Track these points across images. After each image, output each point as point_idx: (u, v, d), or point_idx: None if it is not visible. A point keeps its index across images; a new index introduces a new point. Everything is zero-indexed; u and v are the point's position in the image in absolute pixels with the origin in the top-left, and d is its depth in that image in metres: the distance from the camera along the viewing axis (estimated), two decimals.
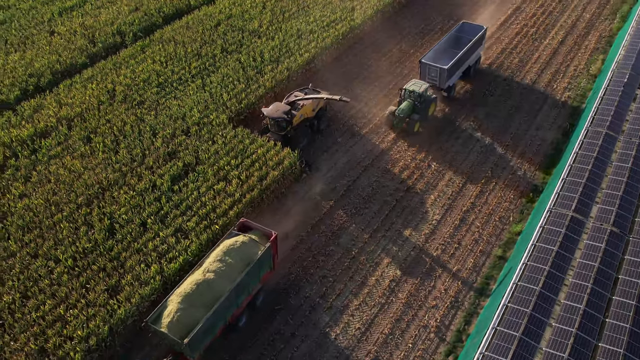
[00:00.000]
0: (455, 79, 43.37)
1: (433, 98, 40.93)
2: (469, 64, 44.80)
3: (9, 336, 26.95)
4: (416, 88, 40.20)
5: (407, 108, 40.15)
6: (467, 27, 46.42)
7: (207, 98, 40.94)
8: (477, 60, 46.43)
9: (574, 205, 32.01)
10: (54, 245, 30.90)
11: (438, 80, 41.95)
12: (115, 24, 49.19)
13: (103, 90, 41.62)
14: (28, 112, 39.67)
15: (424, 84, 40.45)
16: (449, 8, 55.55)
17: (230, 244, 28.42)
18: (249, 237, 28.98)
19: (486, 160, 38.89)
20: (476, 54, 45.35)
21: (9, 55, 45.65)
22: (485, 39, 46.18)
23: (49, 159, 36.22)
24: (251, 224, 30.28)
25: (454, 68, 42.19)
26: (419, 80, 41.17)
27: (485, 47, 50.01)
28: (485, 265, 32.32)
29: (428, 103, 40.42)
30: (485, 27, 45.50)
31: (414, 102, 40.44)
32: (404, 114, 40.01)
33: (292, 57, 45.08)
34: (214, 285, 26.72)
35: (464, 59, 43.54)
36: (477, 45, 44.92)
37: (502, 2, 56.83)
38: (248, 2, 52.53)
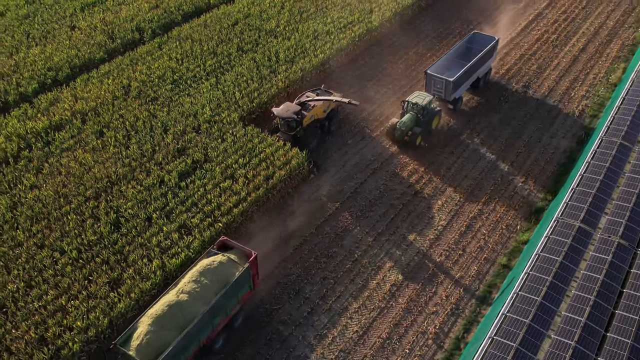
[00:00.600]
0: (462, 91, 42.16)
1: (437, 111, 39.88)
2: (478, 76, 43.54)
3: (10, 324, 27.46)
4: (419, 100, 39.15)
5: (409, 121, 39.16)
6: (478, 38, 45.17)
7: (219, 96, 41.22)
8: (488, 72, 45.08)
9: (581, 215, 31.42)
10: (60, 237, 31.41)
11: (444, 93, 40.79)
12: (134, 21, 49.84)
13: (118, 86, 42.19)
14: (44, 105, 40.40)
15: (427, 96, 39.47)
16: (469, 12, 55.03)
17: (207, 264, 27.56)
18: (227, 256, 28.13)
19: (497, 168, 38.43)
20: (486, 65, 44.05)
21: (30, 49, 46.55)
22: (496, 50, 44.95)
23: (62, 151, 36.84)
24: (231, 243, 29.37)
25: (461, 80, 40.93)
26: (423, 92, 40.24)
27: (504, 52, 49.45)
28: (489, 273, 31.93)
29: (431, 116, 39.44)
30: (496, 39, 44.19)
31: (416, 115, 39.48)
32: (406, 127, 38.93)
33: (307, 58, 45.14)
34: (187, 307, 25.79)
35: (472, 71, 42.25)
36: (488, 56, 43.58)
37: (524, 7, 56.11)
38: (267, 1, 52.75)
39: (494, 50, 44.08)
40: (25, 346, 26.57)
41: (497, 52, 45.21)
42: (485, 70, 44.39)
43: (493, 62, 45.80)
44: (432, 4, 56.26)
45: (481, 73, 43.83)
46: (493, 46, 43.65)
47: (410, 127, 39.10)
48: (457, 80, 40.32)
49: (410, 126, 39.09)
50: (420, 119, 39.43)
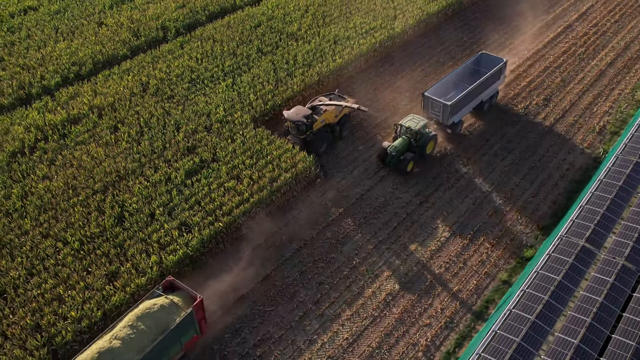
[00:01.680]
0: (462, 115, 40.18)
1: (431, 136, 37.90)
2: (482, 99, 41.53)
3: (9, 309, 28.26)
4: (412, 124, 37.41)
5: (400, 146, 37.43)
6: (485, 59, 43.31)
7: (234, 97, 41.61)
8: (494, 96, 43.00)
9: (587, 234, 30.55)
10: (65, 227, 32.18)
11: (441, 116, 39.10)
12: (160, 19, 50.74)
13: (137, 83, 43.01)
14: (64, 99, 41.49)
15: (421, 120, 37.72)
16: (496, 22, 54.15)
17: (147, 307, 25.91)
18: (170, 299, 26.48)
19: (508, 181, 37.70)
20: (492, 88, 42.06)
21: (58, 43, 47.87)
22: (504, 72, 42.75)
23: (76, 144, 37.75)
24: (178, 284, 27.71)
25: (460, 104, 39.08)
26: (417, 116, 38.46)
27: (527, 64, 48.52)
28: (488, 289, 31.35)
29: (425, 141, 37.60)
30: (504, 60, 42.25)
31: (409, 140, 37.84)
32: (397, 152, 37.19)
33: (325, 62, 45.19)
34: (119, 354, 24.18)
35: (475, 94, 40.25)
36: (494, 79, 41.62)
37: (554, 19, 54.92)
38: (292, 5, 53.02)
39: (500, 72, 42.05)
40: (21, 331, 27.31)
41: (504, 74, 43.04)
42: (491, 94, 42.42)
43: (501, 85, 43.53)
44: (458, 12, 55.58)
45: (486, 96, 41.88)
46: (500, 68, 41.67)
47: (401, 152, 37.40)
48: (456, 104, 38.52)
49: (401, 151, 37.39)
50: (413, 144, 37.84)
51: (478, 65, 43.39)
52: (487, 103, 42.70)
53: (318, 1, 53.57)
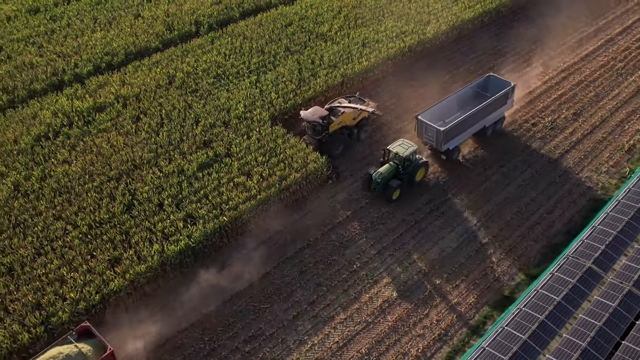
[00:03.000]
0: (458, 141, 38.06)
1: (421, 163, 36.29)
2: (484, 125, 39.27)
3: (14, 286, 29.40)
4: (400, 150, 35.38)
5: (386, 172, 35.55)
6: (492, 81, 40.98)
7: (256, 94, 41.99)
8: (499, 121, 40.58)
9: (595, 256, 29.51)
10: (77, 211, 33.22)
11: (435, 142, 37.17)
12: (195, 14, 51.69)
13: (164, 75, 43.96)
14: (93, 87, 42.81)
15: (411, 146, 35.67)
16: (534, 32, 52.66)
17: (52, 356, 24.80)
18: (79, 349, 25.34)
19: (524, 195, 36.72)
20: (497, 113, 39.68)
21: (95, 33, 49.43)
22: (512, 97, 40.27)
23: (98, 131, 38.90)
24: (92, 330, 26.62)
25: (456, 130, 37.01)
26: (407, 141, 36.35)
27: (561, 77, 47.11)
28: (487, 304, 30.63)
29: (415, 168, 35.90)
30: (512, 85, 39.78)
31: (397, 166, 35.98)
32: (382, 179, 35.28)
33: (350, 64, 45.06)
34: None
35: (475, 120, 38.06)
36: (499, 104, 39.21)
37: (596, 32, 53.07)
38: (325, 5, 53.08)
39: (507, 97, 39.61)
40: (22, 308, 28.37)
41: (512, 99, 40.49)
42: (495, 119, 39.99)
43: (508, 110, 41.00)
44: (495, 20, 54.37)
45: (489, 122, 39.52)
46: (507, 93, 39.32)
47: (387, 178, 35.57)
48: (450, 130, 36.51)
49: (387, 178, 35.57)
50: (400, 171, 36.12)
51: (485, 87, 41.15)
52: (491, 129, 40.24)
53: (352, 3, 53.46)
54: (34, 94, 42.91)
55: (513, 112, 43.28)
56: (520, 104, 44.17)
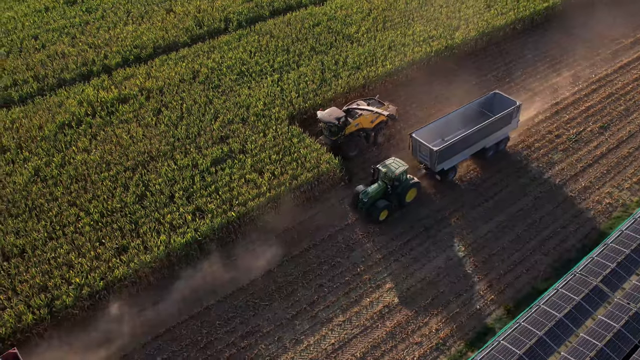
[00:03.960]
0: (454, 162, 36.47)
1: (412, 183, 34.80)
2: (484, 145, 37.51)
3: (24, 267, 30.34)
4: (390, 170, 33.98)
5: (373, 192, 34.20)
6: (498, 100, 38.95)
7: (277, 92, 42.23)
8: (501, 142, 38.65)
9: (604, 274, 28.63)
10: (91, 199, 34.06)
11: (429, 161, 35.84)
12: (226, 11, 52.32)
13: (189, 70, 44.63)
14: (119, 79, 43.81)
15: (401, 165, 34.15)
16: (567, 41, 51.37)
17: None
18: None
19: (539, 207, 35.89)
20: (499, 134, 37.87)
21: (127, 26, 50.57)
22: (517, 117, 38.36)
23: (120, 122, 39.78)
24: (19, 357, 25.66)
25: (452, 150, 35.47)
26: (398, 160, 34.73)
27: (591, 88, 45.83)
28: (490, 316, 30.06)
29: (404, 189, 34.50)
30: (518, 104, 37.72)
31: (385, 186, 34.70)
32: (368, 199, 33.95)
33: (374, 67, 44.87)
34: None
35: (473, 140, 36.38)
36: (502, 123, 37.44)
37: (633, 43, 51.41)
38: (355, 7, 52.96)
39: (511, 116, 37.69)
40: (29, 289, 29.26)
41: (518, 119, 38.61)
42: (497, 140, 38.13)
43: (512, 130, 39.06)
44: (528, 28, 53.22)
45: (490, 142, 37.73)
46: (511, 112, 37.41)
47: (374, 198, 34.26)
48: (445, 150, 35.00)
49: (374, 198, 34.25)
50: (389, 191, 34.72)
51: (490, 105, 39.16)
52: (492, 150, 38.50)
53: (383, 6, 53.19)
54: (63, 82, 44.19)
55: (536, 122, 42.42)
56: (545, 115, 43.23)
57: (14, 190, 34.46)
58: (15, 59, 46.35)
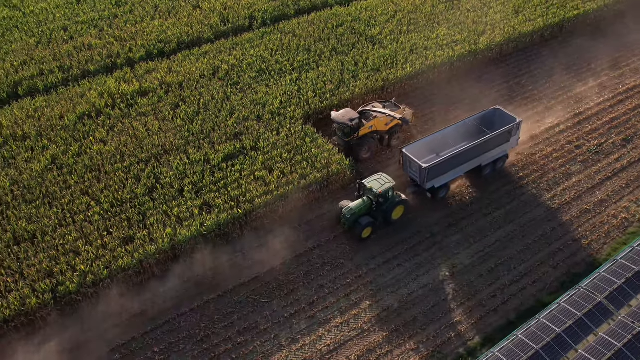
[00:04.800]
0: (446, 180, 35.18)
1: (400, 201, 33.53)
2: (480, 163, 36.11)
3: (32, 252, 31.11)
4: (375, 185, 32.86)
5: (357, 208, 33.12)
6: (498, 115, 37.48)
7: (294, 91, 42.34)
8: (499, 160, 37.05)
9: (610, 290, 27.84)
10: (103, 189, 34.72)
11: (419, 178, 34.61)
12: (251, 9, 52.68)
13: (210, 66, 45.10)
14: (141, 72, 44.53)
15: (388, 182, 33.11)
16: (598, 50, 50.05)
17: None
18: None
19: (552, 219, 35.15)
20: (497, 151, 36.37)
21: (153, 20, 51.37)
22: (517, 134, 36.85)
23: (137, 115, 40.44)
24: None
25: (442, 168, 34.22)
26: (386, 176, 33.66)
27: (617, 99, 44.65)
28: (491, 326, 29.56)
29: (390, 206, 33.30)
30: (518, 120, 36.30)
31: (370, 202, 33.59)
32: (351, 216, 32.93)
33: (394, 69, 44.59)
34: None
35: (467, 157, 35.05)
36: (500, 141, 35.96)
37: None
38: (381, 9, 52.69)
39: (510, 134, 36.22)
40: (36, 273, 30.00)
41: (518, 136, 37.15)
42: (494, 158, 36.58)
43: (512, 148, 37.51)
44: (557, 36, 52.09)
45: (486, 160, 36.28)
46: (509, 130, 35.97)
47: (358, 215, 33.14)
48: (435, 168, 33.80)
49: (358, 214, 33.14)
50: (373, 208, 33.57)
51: (490, 120, 37.57)
52: (489, 168, 37.04)
53: (409, 8, 52.81)
54: (87, 74, 45.11)
55: (557, 132, 41.57)
56: (567, 125, 42.33)
57: (31, 177, 35.35)
58: (44, 49, 47.53)
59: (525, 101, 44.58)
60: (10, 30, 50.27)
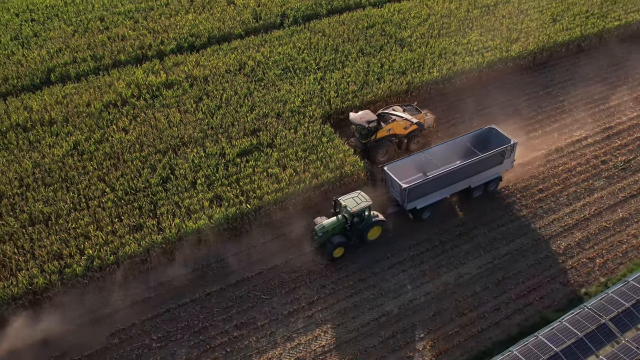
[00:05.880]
0: (429, 201, 33.56)
1: (376, 221, 32.13)
2: (469, 185, 34.51)
3: (45, 234, 32.08)
4: (350, 204, 31.44)
5: (329, 226, 31.73)
6: (493, 135, 35.78)
7: (317, 91, 42.34)
8: (491, 182, 35.29)
9: (615, 312, 26.82)
10: (119, 176, 35.50)
11: (399, 198, 33.31)
12: (284, 7, 52.94)
13: (236, 61, 45.55)
14: (170, 65, 45.35)
15: (364, 201, 31.62)
16: (637, 62, 48.29)
17: None
18: None
19: (567, 235, 34.08)
20: (490, 173, 34.68)
21: (188, 14, 52.23)
22: (512, 157, 35.11)
23: (161, 106, 41.18)
24: None
25: (423, 189, 32.80)
26: (363, 195, 32.18)
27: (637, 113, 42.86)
28: (490, 340, 28.88)
29: (366, 226, 31.96)
30: (513, 142, 34.42)
31: (345, 220, 32.30)
32: (323, 234, 31.67)
33: (419, 73, 44.07)
34: None
35: (453, 179, 33.52)
36: (491, 163, 34.26)
37: None
38: (414, 12, 52.15)
39: (503, 156, 34.46)
40: (46, 254, 30.93)
41: (513, 159, 35.34)
42: (485, 180, 34.91)
43: (505, 170, 35.72)
44: (595, 46, 50.44)
45: (476, 182, 34.60)
46: (503, 151, 34.28)
47: (330, 233, 31.82)
48: (415, 189, 32.43)
49: (330, 232, 31.80)
50: (347, 227, 32.14)
51: (485, 140, 35.86)
52: (479, 190, 35.33)
53: (443, 12, 52.12)
54: (118, 64, 46.20)
55: (583, 146, 40.34)
56: (595, 138, 41.02)
57: (52, 161, 36.48)
58: (80, 37, 48.95)
59: (553, 112, 43.38)
60: (51, 19, 51.99)
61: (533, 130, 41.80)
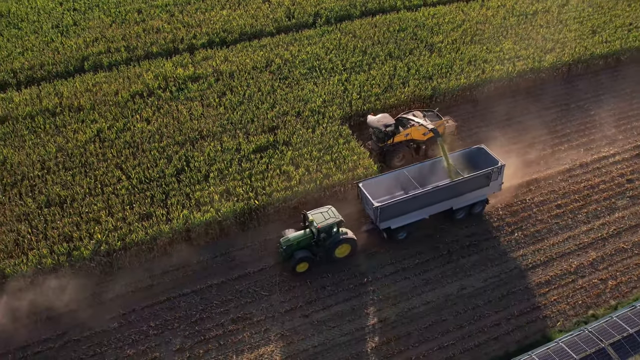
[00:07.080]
0: (404, 221, 32.18)
1: (345, 239, 31.02)
2: (451, 206, 33.07)
3: (59, 216, 33.13)
4: (317, 219, 30.42)
5: (295, 240, 30.82)
6: (482, 155, 34.21)
7: (340, 91, 42.25)
8: (477, 204, 33.87)
9: (616, 337, 25.80)
10: (136, 165, 36.30)
11: (373, 217, 32.14)
12: (318, 7, 52.99)
13: (264, 59, 45.90)
14: (199, 59, 46.07)
15: (332, 217, 30.58)
16: None
17: None
18: None
19: (581, 254, 32.97)
20: (473, 195, 33.16)
21: (223, 10, 52.92)
22: (499, 179, 33.45)
23: (185, 99, 41.90)
24: None
25: (398, 208, 31.46)
26: (333, 210, 31.14)
27: None
28: (487, 355, 28.26)
29: (333, 243, 30.94)
30: (501, 164, 32.80)
31: (312, 235, 31.28)
32: (286, 247, 30.85)
33: (446, 79, 43.41)
34: None
35: (433, 199, 32.11)
36: (476, 184, 32.72)
37: None
38: (448, 17, 51.36)
39: (489, 178, 32.82)
40: (58, 236, 31.94)
41: (501, 181, 33.70)
42: (470, 202, 33.43)
43: (493, 192, 34.16)
44: (636, 61, 48.51)
45: (459, 204, 33.12)
46: (489, 173, 32.67)
47: (294, 247, 30.97)
48: (388, 208, 31.15)
49: (295, 246, 30.95)
50: (313, 243, 31.31)
51: (474, 159, 34.45)
52: (462, 212, 33.79)
53: (478, 19, 51.15)
54: (150, 55, 47.23)
55: (610, 163, 38.94)
56: (623, 156, 39.53)
57: (75, 146, 37.60)
58: (116, 28, 50.25)
59: (582, 126, 42.03)
60: (92, 9, 53.54)
61: (559, 143, 40.62)
